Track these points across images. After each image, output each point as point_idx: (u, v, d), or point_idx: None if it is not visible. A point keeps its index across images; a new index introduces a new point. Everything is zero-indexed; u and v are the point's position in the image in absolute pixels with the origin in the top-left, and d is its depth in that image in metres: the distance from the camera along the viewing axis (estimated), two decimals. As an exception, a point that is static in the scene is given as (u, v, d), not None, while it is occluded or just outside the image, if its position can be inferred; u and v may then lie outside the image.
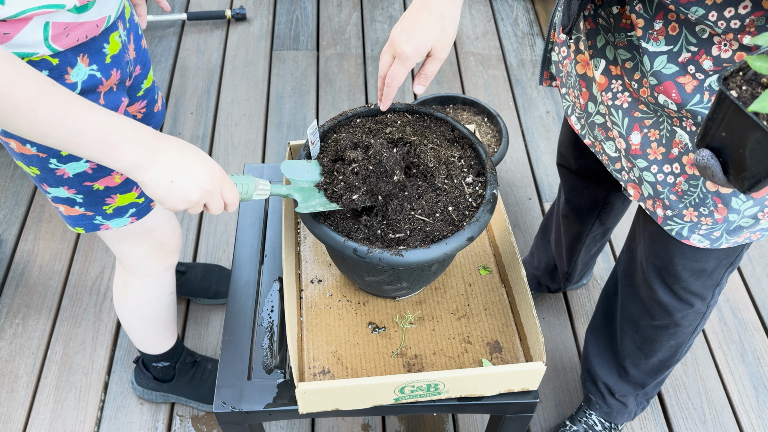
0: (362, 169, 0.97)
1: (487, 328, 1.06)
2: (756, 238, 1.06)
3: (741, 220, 1.00)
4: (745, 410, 1.67)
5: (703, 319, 1.25)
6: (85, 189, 1.03)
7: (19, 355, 1.72)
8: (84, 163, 0.99)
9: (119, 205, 1.07)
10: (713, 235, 1.04)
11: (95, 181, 1.02)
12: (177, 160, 0.80)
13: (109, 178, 1.03)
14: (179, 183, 0.80)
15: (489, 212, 0.93)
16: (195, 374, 1.58)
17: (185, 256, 1.96)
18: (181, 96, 2.47)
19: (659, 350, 1.31)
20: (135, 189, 1.08)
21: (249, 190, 0.91)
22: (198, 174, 0.82)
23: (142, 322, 1.39)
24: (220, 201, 0.86)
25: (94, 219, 1.08)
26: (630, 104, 1.05)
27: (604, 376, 1.46)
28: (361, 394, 0.93)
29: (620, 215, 1.50)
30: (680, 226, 1.06)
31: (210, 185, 0.83)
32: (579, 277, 1.76)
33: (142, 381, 1.59)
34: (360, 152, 1.00)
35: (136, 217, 1.11)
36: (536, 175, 2.21)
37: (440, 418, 1.64)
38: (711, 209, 1.00)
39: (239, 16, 2.73)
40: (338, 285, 1.11)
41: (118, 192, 1.06)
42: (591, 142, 1.17)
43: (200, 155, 0.84)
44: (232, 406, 0.97)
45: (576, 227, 1.53)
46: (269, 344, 1.06)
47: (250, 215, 1.26)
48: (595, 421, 1.55)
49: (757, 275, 1.96)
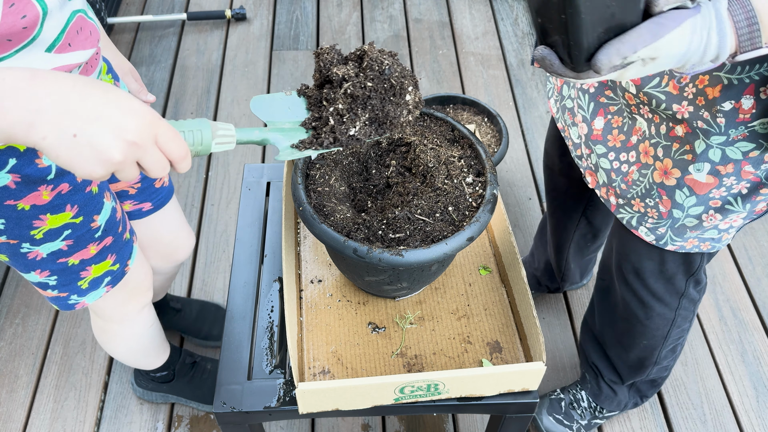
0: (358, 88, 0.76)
1: (487, 328, 1.06)
2: (706, 249, 1.07)
3: (685, 219, 1.02)
4: (745, 410, 1.67)
5: (673, 326, 1.26)
6: (60, 267, 0.98)
7: (19, 355, 1.72)
8: (59, 241, 0.94)
9: (94, 277, 1.03)
10: (659, 231, 1.06)
11: (70, 257, 0.97)
12: (76, 102, 0.56)
13: (85, 251, 0.98)
14: (86, 136, 0.56)
15: (489, 212, 0.93)
16: (195, 375, 1.58)
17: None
18: (181, 96, 2.47)
19: (634, 347, 1.34)
20: (110, 256, 1.03)
21: (204, 138, 0.67)
22: (114, 119, 0.57)
23: (130, 355, 1.37)
24: (158, 156, 0.61)
25: (69, 299, 1.04)
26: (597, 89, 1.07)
27: (595, 359, 1.48)
28: (361, 394, 0.93)
29: (610, 218, 1.50)
30: (630, 215, 1.09)
31: (136, 134, 0.58)
32: (576, 277, 1.76)
33: (142, 382, 1.59)
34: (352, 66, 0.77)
35: (111, 285, 1.07)
36: (536, 175, 2.21)
37: (440, 418, 1.64)
38: (656, 200, 1.02)
39: (239, 16, 2.73)
40: (338, 285, 1.11)
41: (93, 263, 1.01)
42: (562, 126, 1.19)
43: (113, 92, 0.58)
44: (232, 406, 0.97)
45: (561, 225, 1.54)
46: (269, 344, 1.06)
47: (250, 215, 1.26)
48: (583, 397, 1.57)
49: (757, 275, 1.96)
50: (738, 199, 0.96)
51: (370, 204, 1.02)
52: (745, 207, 0.97)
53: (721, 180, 0.94)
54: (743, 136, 0.88)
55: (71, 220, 0.94)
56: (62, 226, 0.93)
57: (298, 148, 0.76)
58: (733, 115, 0.87)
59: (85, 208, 0.95)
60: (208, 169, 2.22)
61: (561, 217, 1.52)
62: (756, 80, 0.83)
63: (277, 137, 0.76)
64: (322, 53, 0.80)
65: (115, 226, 1.03)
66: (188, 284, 1.90)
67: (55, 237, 0.93)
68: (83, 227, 0.96)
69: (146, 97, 1.15)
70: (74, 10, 0.81)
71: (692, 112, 0.90)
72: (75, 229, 0.95)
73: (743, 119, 0.87)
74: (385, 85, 0.75)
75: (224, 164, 2.24)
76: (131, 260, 1.10)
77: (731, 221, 1.01)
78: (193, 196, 2.13)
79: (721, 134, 0.89)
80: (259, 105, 0.78)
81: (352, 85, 0.75)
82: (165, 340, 1.45)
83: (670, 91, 0.92)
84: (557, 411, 1.57)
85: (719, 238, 1.05)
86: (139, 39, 2.70)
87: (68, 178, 0.90)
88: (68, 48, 0.79)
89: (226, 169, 2.22)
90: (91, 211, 0.96)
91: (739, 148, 0.90)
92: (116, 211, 1.03)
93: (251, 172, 1.34)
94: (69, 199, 0.92)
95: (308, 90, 0.81)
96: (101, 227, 0.99)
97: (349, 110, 0.76)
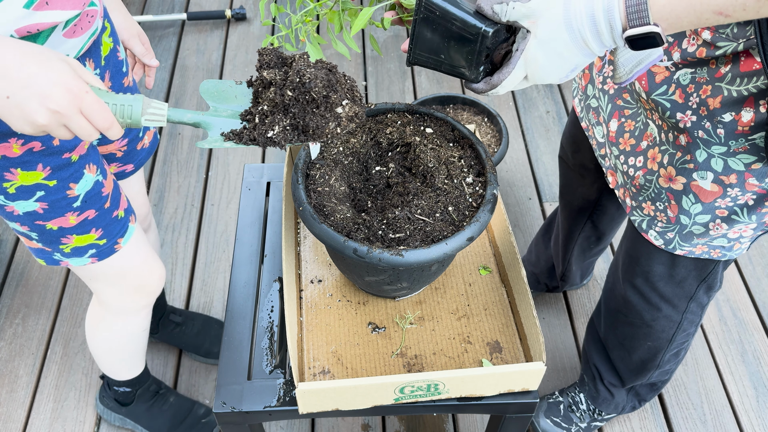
0: (278, 95, 0.78)
1: (487, 328, 1.06)
2: (717, 256, 1.07)
3: (692, 226, 1.01)
4: (746, 410, 1.67)
5: (679, 329, 1.26)
6: (38, 228, 0.98)
7: (19, 355, 1.72)
8: (33, 202, 0.94)
9: (76, 246, 1.02)
10: (667, 236, 1.06)
11: (48, 221, 0.97)
12: (13, 70, 0.65)
13: (63, 219, 0.97)
14: (16, 99, 0.65)
15: (489, 212, 0.93)
16: (154, 404, 1.53)
17: (185, 258, 1.96)
18: (181, 96, 2.47)
19: (638, 349, 1.33)
20: (94, 231, 1.02)
21: (133, 112, 0.72)
22: (41, 89, 0.66)
23: (109, 354, 1.36)
24: (83, 123, 0.69)
25: (53, 255, 1.04)
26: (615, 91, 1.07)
27: (597, 361, 1.48)
28: (361, 395, 0.93)
29: (615, 223, 1.50)
30: (641, 218, 1.09)
31: (60, 104, 0.67)
32: (577, 279, 1.76)
33: (104, 399, 1.56)
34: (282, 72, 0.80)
35: (97, 258, 1.06)
36: (536, 175, 2.21)
37: (440, 418, 1.64)
38: (665, 204, 1.02)
39: (239, 16, 2.73)
40: (338, 285, 1.11)
41: (74, 233, 1.00)
42: (586, 125, 1.19)
43: (48, 65, 0.67)
44: (232, 406, 0.97)
45: (568, 224, 1.54)
46: (269, 344, 1.06)
47: (250, 215, 1.26)
48: (581, 399, 1.56)
49: (757, 275, 1.96)
50: (744, 209, 0.96)
51: (370, 204, 1.02)
52: (752, 218, 0.97)
53: (726, 190, 0.94)
54: (744, 149, 0.88)
55: (43, 181, 0.93)
56: (34, 185, 0.93)
57: (223, 138, 0.79)
58: (732, 126, 0.87)
59: (59, 172, 0.94)
60: (208, 169, 2.22)
61: (568, 215, 1.52)
62: (754, 93, 0.83)
63: (210, 122, 0.78)
64: (263, 53, 0.82)
65: (99, 201, 1.02)
66: (188, 284, 1.90)
67: (28, 196, 0.93)
68: (57, 192, 0.95)
69: (150, 62, 1.15)
70: None
71: (695, 122, 0.90)
72: (48, 192, 0.95)
73: (742, 131, 0.86)
74: (306, 97, 0.76)
75: (224, 164, 2.24)
76: (124, 239, 1.09)
77: (741, 231, 1.00)
78: (193, 196, 2.13)
79: (722, 144, 0.89)
80: (208, 88, 0.81)
81: (273, 92, 0.78)
82: (143, 355, 1.43)
83: (675, 100, 0.92)
84: (556, 414, 1.57)
85: (730, 246, 1.04)
86: (139, 39, 2.70)
87: (41, 137, 0.89)
88: (45, 6, 0.79)
89: (226, 169, 2.22)
90: (67, 178, 0.95)
91: (741, 159, 0.90)
92: (102, 185, 1.02)
93: (251, 172, 1.34)
94: (41, 159, 0.91)
95: (255, 82, 0.82)
96: (80, 197, 0.98)
97: (271, 113, 0.78)
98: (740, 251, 1.06)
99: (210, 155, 2.26)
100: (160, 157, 2.25)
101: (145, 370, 1.49)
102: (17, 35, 0.77)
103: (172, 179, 2.18)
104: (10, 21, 0.76)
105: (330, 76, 0.78)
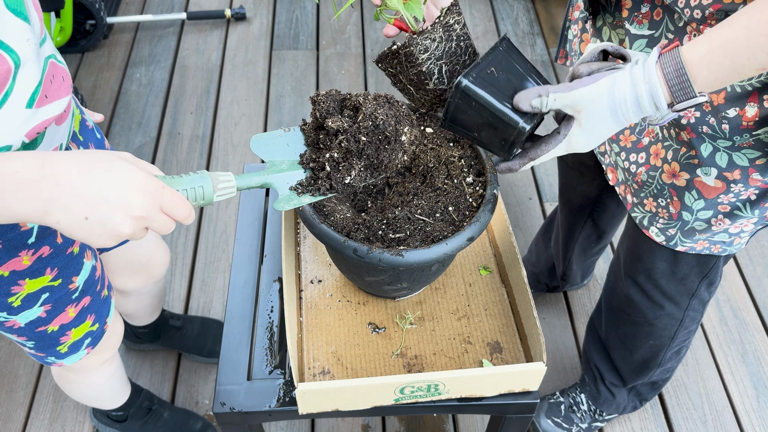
0: (352, 142, 0.78)
1: (488, 329, 1.06)
2: (717, 252, 1.07)
3: (694, 222, 1.02)
4: (746, 410, 1.67)
5: (681, 326, 1.26)
6: (38, 335, 0.94)
7: (19, 355, 1.72)
8: (38, 308, 0.89)
9: (74, 341, 1.00)
10: (669, 232, 1.07)
11: (49, 324, 0.93)
12: (82, 188, 0.60)
13: (63, 315, 0.94)
14: (96, 217, 0.61)
15: (489, 212, 0.93)
16: (148, 421, 1.52)
17: (184, 258, 1.96)
18: (180, 96, 2.46)
19: (640, 347, 1.33)
20: (89, 317, 0.99)
21: (205, 193, 0.70)
22: (119, 200, 0.61)
23: (85, 400, 1.34)
24: (165, 220, 0.66)
25: (47, 359, 1.01)
26: None
27: (597, 361, 1.48)
28: (361, 395, 0.93)
29: (616, 220, 1.50)
30: (642, 215, 1.10)
31: (143, 209, 0.63)
32: (577, 278, 1.76)
33: (98, 415, 1.55)
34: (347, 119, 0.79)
35: (92, 346, 1.04)
36: (536, 175, 2.21)
37: (440, 418, 1.63)
38: (668, 200, 1.03)
39: (239, 16, 2.73)
40: (338, 285, 1.11)
41: (73, 327, 0.97)
42: None
43: (116, 171, 0.62)
44: (232, 406, 0.97)
45: (568, 223, 1.54)
46: (269, 344, 1.05)
47: (249, 215, 1.26)
48: (582, 400, 1.56)
49: (758, 275, 1.95)
50: (747, 205, 0.96)
51: (370, 204, 1.02)
52: (755, 213, 0.97)
53: (729, 186, 0.94)
54: (749, 144, 0.89)
55: (49, 283, 0.90)
56: (40, 289, 0.89)
57: (297, 192, 0.79)
58: (737, 121, 0.87)
59: (65, 270, 0.91)
60: (207, 169, 2.22)
61: (568, 214, 1.52)
62: (758, 87, 0.83)
63: (276, 180, 0.78)
64: (319, 101, 0.82)
65: (93, 285, 0.99)
66: (188, 284, 1.90)
67: (33, 303, 0.89)
68: (61, 290, 0.92)
69: (95, 117, 1.09)
70: (47, 56, 0.76)
71: (699, 118, 0.90)
72: (53, 292, 0.91)
73: (747, 126, 0.87)
74: (380, 137, 0.77)
75: (224, 164, 2.23)
76: (110, 317, 1.06)
77: (742, 226, 1.01)
78: (193, 196, 2.13)
79: (727, 139, 0.90)
80: (258, 144, 0.79)
81: (346, 139, 0.77)
82: (125, 385, 1.41)
83: None
84: (556, 414, 1.57)
85: (730, 241, 1.04)
86: (139, 39, 2.69)
87: (49, 240, 0.86)
88: (46, 100, 0.75)
89: (226, 169, 2.22)
90: (71, 273, 0.92)
91: (745, 154, 0.90)
92: (96, 270, 1.00)
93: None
94: (49, 263, 0.88)
95: (306, 127, 0.83)
96: (79, 288, 0.96)
97: (345, 159, 0.78)
98: (740, 246, 1.06)
99: (210, 155, 2.26)
100: (159, 157, 2.25)
101: (134, 390, 1.47)
102: (27, 140, 0.73)
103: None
104: (19, 126, 0.71)
105: (394, 110, 0.78)
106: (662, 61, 0.71)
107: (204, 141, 2.31)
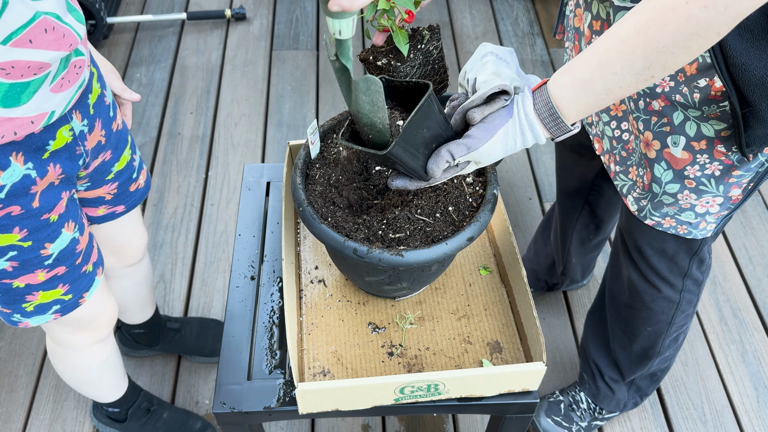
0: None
1: (488, 329, 1.06)
2: (683, 233, 1.11)
3: (662, 195, 1.06)
4: (746, 410, 1.67)
5: (678, 310, 1.28)
6: (3, 287, 0.96)
7: (19, 355, 1.72)
8: (3, 261, 0.92)
9: (41, 302, 1.00)
10: (641, 203, 1.11)
11: (15, 279, 0.95)
12: None
13: (31, 276, 0.96)
14: None
15: (489, 212, 0.93)
16: (148, 422, 1.52)
17: (184, 258, 1.96)
18: (180, 96, 2.46)
19: (639, 335, 1.35)
20: (61, 286, 1.01)
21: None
22: None
23: (76, 383, 1.34)
24: None
25: (11, 316, 1.02)
26: None
27: (596, 356, 1.48)
28: (360, 395, 0.93)
29: (613, 208, 1.51)
30: (623, 183, 1.15)
31: None
32: (578, 275, 1.76)
33: (98, 414, 1.55)
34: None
35: (60, 313, 1.04)
36: (536, 175, 2.21)
37: (440, 418, 1.64)
38: (644, 171, 1.07)
39: (239, 16, 2.73)
40: (338, 285, 1.11)
41: (41, 289, 0.99)
42: None
43: None
44: (232, 406, 0.97)
45: (565, 209, 1.55)
46: (269, 344, 1.06)
47: (250, 215, 1.26)
48: (582, 398, 1.57)
49: (758, 275, 1.95)
50: (711, 180, 1.00)
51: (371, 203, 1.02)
52: (719, 189, 1.01)
53: (695, 157, 0.98)
54: (716, 115, 0.93)
55: (17, 243, 0.92)
56: (7, 246, 0.91)
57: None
58: (706, 91, 0.90)
59: (36, 234, 0.93)
60: (207, 169, 2.22)
61: (566, 199, 1.54)
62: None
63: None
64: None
65: (71, 257, 1.00)
66: (188, 284, 1.90)
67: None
68: (31, 252, 0.94)
69: (131, 96, 1.13)
70: (40, 11, 0.78)
71: (672, 87, 0.94)
72: (21, 252, 0.93)
73: (714, 97, 0.91)
74: None
75: (224, 164, 2.23)
76: (89, 293, 1.07)
77: (708, 206, 1.05)
78: (193, 196, 2.13)
79: (696, 109, 0.94)
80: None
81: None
82: (121, 378, 1.41)
83: None
84: (556, 413, 1.57)
85: (696, 223, 1.08)
86: (139, 39, 2.69)
87: (21, 201, 0.88)
88: (28, 44, 0.77)
89: (226, 169, 2.22)
90: (43, 238, 0.94)
91: (712, 125, 0.94)
92: (77, 242, 1.00)
93: (251, 172, 1.33)
94: (18, 222, 0.90)
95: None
96: (53, 255, 0.97)
97: None
98: (705, 232, 1.10)
99: (210, 155, 2.26)
100: (159, 157, 2.25)
101: (132, 388, 1.47)
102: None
103: (171, 179, 2.18)
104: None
105: None
106: (536, 104, 0.77)
107: (204, 141, 2.31)
